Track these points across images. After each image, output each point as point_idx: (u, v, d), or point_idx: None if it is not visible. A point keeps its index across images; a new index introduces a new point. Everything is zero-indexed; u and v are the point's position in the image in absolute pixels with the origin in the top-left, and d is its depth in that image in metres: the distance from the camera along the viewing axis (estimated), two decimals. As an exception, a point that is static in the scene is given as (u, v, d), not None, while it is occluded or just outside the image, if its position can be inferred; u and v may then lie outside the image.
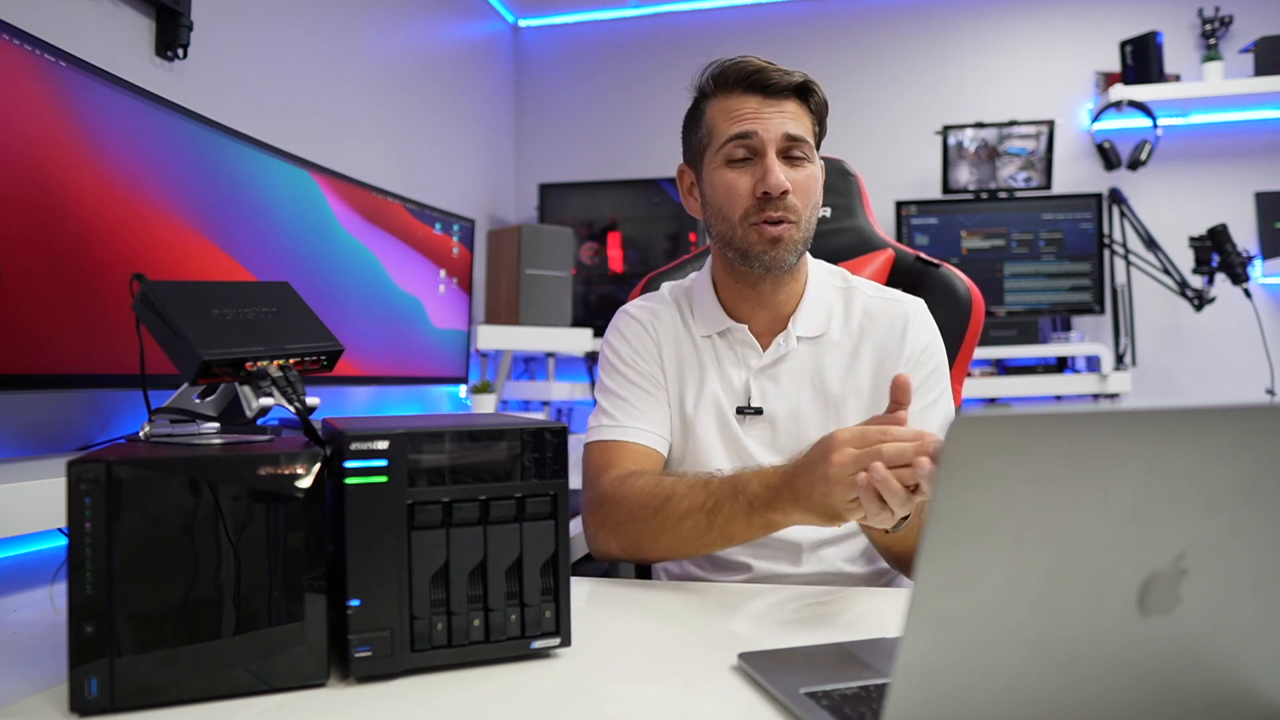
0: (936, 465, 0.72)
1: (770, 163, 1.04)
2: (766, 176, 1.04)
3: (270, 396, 0.76)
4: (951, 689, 0.44)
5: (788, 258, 1.07)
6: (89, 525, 0.61)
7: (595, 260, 3.25)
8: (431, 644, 0.68)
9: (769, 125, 1.05)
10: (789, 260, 1.07)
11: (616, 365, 1.16)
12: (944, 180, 3.07)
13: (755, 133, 1.05)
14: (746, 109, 1.06)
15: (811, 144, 1.08)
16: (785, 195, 1.04)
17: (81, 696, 0.60)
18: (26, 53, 1.13)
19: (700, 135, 1.11)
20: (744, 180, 1.06)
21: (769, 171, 1.04)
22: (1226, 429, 0.44)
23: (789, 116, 1.06)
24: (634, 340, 1.17)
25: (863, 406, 1.10)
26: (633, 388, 1.14)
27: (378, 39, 2.51)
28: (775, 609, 0.90)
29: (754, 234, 1.06)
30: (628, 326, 1.18)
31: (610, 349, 1.18)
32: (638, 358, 1.15)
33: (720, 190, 1.08)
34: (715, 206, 1.09)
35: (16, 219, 1.12)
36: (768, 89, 1.06)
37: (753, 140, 1.05)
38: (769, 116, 1.05)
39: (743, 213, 1.06)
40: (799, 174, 1.06)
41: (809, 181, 1.07)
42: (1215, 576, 0.46)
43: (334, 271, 1.86)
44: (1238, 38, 2.96)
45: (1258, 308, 2.78)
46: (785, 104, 1.06)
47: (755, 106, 1.06)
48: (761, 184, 1.04)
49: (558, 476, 0.73)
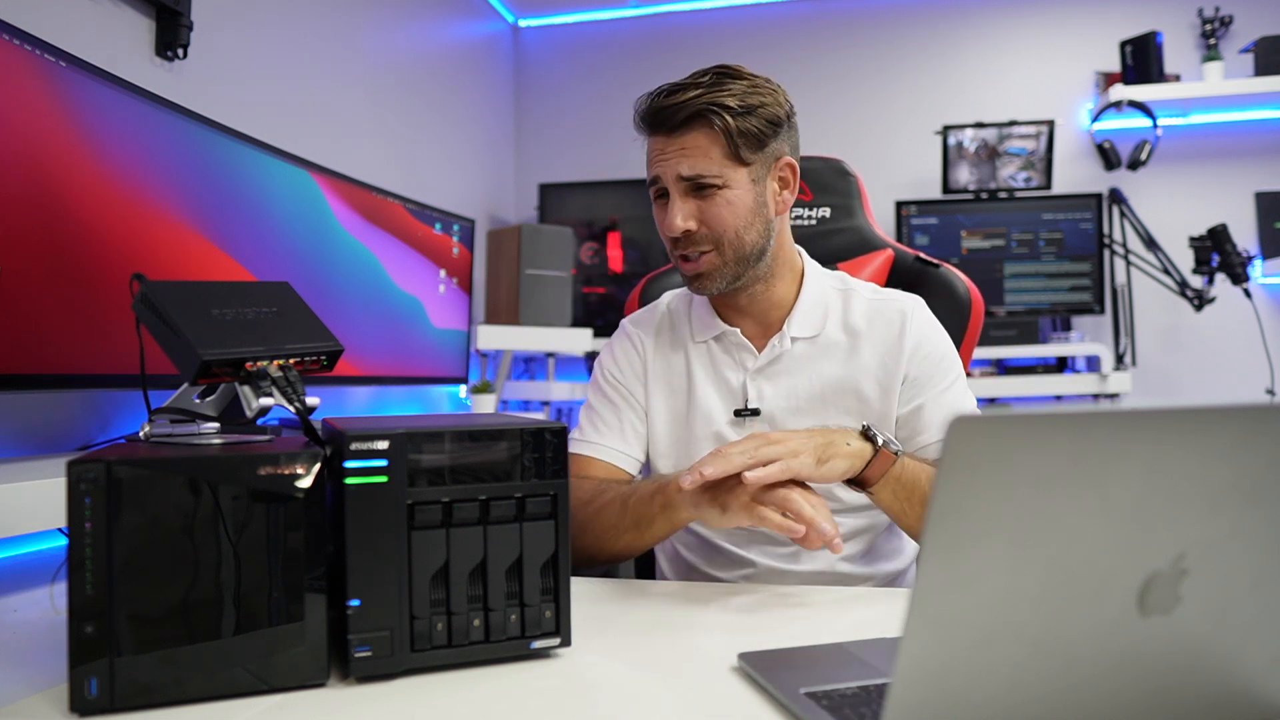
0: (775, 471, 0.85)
1: (672, 206, 1.06)
2: (663, 220, 1.08)
3: (270, 396, 0.76)
4: (951, 689, 0.44)
5: (714, 286, 1.09)
6: (89, 525, 0.61)
7: (595, 260, 3.25)
8: (431, 644, 0.68)
9: (666, 169, 1.06)
10: (718, 287, 1.09)
11: (600, 381, 1.21)
12: (944, 180, 3.07)
13: (657, 177, 1.08)
14: (654, 150, 1.07)
15: (720, 170, 1.04)
16: (691, 232, 1.06)
17: (81, 696, 0.60)
18: (26, 53, 1.13)
19: None
20: (662, 217, 1.09)
21: (669, 214, 1.06)
22: (1226, 429, 0.44)
23: (685, 154, 1.04)
24: (621, 358, 1.20)
25: (864, 404, 1.10)
26: (609, 405, 1.18)
27: (378, 39, 2.51)
28: (775, 609, 0.90)
29: (681, 265, 1.10)
30: (619, 343, 1.22)
31: (600, 364, 1.22)
32: (621, 375, 1.19)
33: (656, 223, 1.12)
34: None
35: (16, 219, 1.12)
36: (662, 127, 1.05)
37: (659, 183, 1.08)
38: (669, 157, 1.05)
39: (669, 248, 1.11)
40: (709, 204, 1.05)
41: (719, 210, 1.05)
42: (1215, 576, 0.46)
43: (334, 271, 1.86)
44: (1238, 38, 2.97)
45: (1258, 308, 2.78)
46: (685, 138, 1.04)
47: (660, 146, 1.06)
48: (664, 227, 1.08)
49: (558, 476, 0.73)
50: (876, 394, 1.10)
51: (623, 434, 1.16)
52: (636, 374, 1.19)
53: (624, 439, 1.16)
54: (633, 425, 1.17)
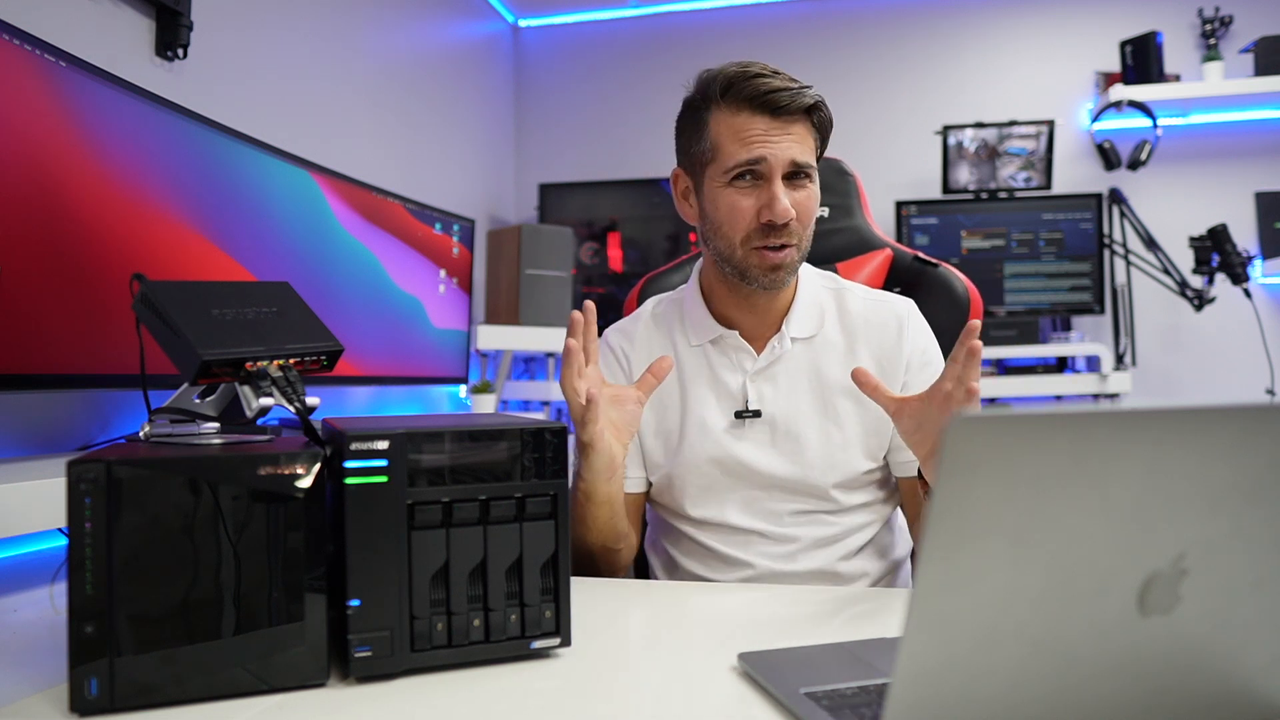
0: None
1: (776, 190, 1.02)
2: (773, 204, 1.02)
3: (270, 396, 0.76)
4: (951, 689, 0.44)
5: (787, 279, 1.08)
6: (89, 525, 0.61)
7: (595, 260, 3.25)
8: (431, 644, 0.68)
9: (777, 151, 1.02)
10: (787, 280, 1.09)
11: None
12: (944, 180, 3.07)
13: (764, 159, 1.03)
14: (754, 130, 1.03)
15: (814, 165, 1.07)
16: (789, 222, 1.04)
17: (81, 696, 0.60)
18: (26, 53, 1.13)
19: (703, 147, 1.07)
20: (747, 202, 1.04)
21: (775, 199, 1.02)
22: (1226, 429, 0.44)
23: (796, 140, 1.03)
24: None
25: (863, 406, 1.10)
26: None
27: (378, 39, 2.51)
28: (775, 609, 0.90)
29: (755, 257, 1.06)
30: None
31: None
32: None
33: (723, 210, 1.06)
34: (716, 224, 1.08)
35: (16, 219, 1.12)
36: (778, 111, 1.03)
37: (759, 166, 1.03)
38: (777, 140, 1.02)
39: (744, 235, 1.05)
40: (800, 195, 1.05)
41: (809, 202, 1.07)
42: (1215, 576, 0.46)
43: (334, 271, 1.86)
44: (1238, 38, 2.96)
45: (1258, 308, 2.78)
46: (794, 126, 1.04)
47: (764, 129, 1.03)
48: (767, 210, 1.03)
49: (558, 476, 0.73)
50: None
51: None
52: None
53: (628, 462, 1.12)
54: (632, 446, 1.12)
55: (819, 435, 1.10)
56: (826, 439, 1.10)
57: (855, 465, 1.10)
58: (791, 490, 1.10)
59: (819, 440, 1.10)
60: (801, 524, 1.11)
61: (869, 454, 1.11)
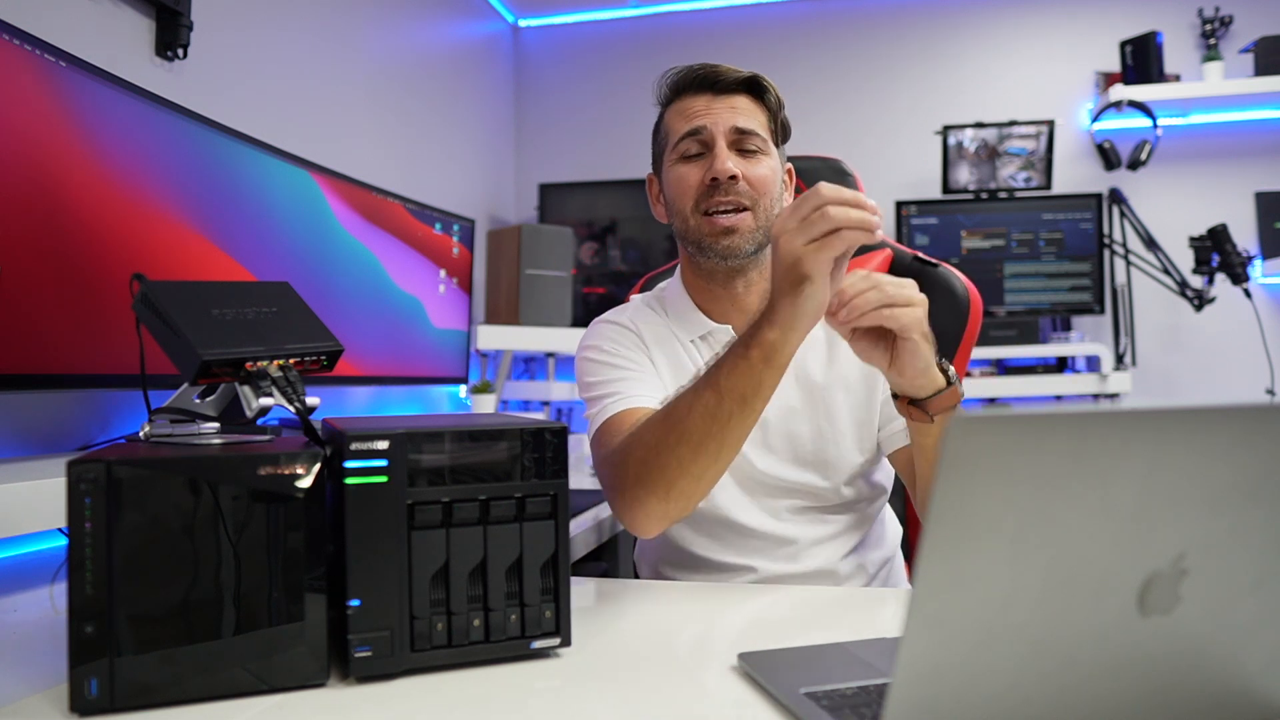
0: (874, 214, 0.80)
1: (719, 150, 1.06)
2: (714, 163, 1.06)
3: (270, 396, 0.76)
4: (951, 689, 0.44)
5: (743, 246, 1.06)
6: (89, 525, 0.61)
7: (595, 260, 3.25)
8: (431, 644, 0.68)
9: (717, 119, 1.08)
10: (745, 249, 1.06)
11: (600, 360, 1.11)
12: (944, 180, 3.06)
13: (704, 127, 1.07)
14: (697, 106, 1.09)
15: (766, 138, 1.09)
16: (735, 180, 1.05)
17: (81, 696, 0.60)
18: (26, 53, 1.13)
19: (660, 140, 1.15)
20: (695, 172, 1.08)
21: (716, 158, 1.06)
22: (1226, 429, 0.44)
23: (739, 111, 1.09)
24: (617, 337, 1.13)
25: (851, 398, 1.11)
26: (623, 371, 1.09)
27: (378, 39, 2.51)
28: (775, 609, 0.90)
29: (705, 224, 1.07)
30: (605, 331, 1.15)
31: (592, 350, 1.13)
32: (621, 349, 1.12)
33: (673, 184, 1.10)
34: (670, 201, 1.12)
35: (16, 219, 1.12)
36: (716, 86, 1.09)
37: (702, 134, 1.08)
38: (717, 111, 1.08)
39: (693, 202, 1.08)
40: (752, 164, 1.07)
41: (764, 171, 1.08)
42: (1215, 576, 0.46)
43: (334, 271, 1.86)
44: (1238, 38, 2.96)
45: (1258, 308, 2.78)
46: (735, 99, 1.09)
47: (705, 104, 1.09)
48: (709, 171, 1.06)
49: (558, 476, 0.73)
50: (861, 384, 1.12)
51: (651, 385, 1.08)
52: (639, 347, 1.13)
53: (654, 388, 1.08)
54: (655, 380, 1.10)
55: (811, 430, 1.11)
56: (819, 434, 1.10)
57: (849, 458, 1.11)
58: (789, 489, 1.10)
59: (811, 435, 1.10)
60: (800, 522, 1.11)
61: (860, 447, 1.12)
